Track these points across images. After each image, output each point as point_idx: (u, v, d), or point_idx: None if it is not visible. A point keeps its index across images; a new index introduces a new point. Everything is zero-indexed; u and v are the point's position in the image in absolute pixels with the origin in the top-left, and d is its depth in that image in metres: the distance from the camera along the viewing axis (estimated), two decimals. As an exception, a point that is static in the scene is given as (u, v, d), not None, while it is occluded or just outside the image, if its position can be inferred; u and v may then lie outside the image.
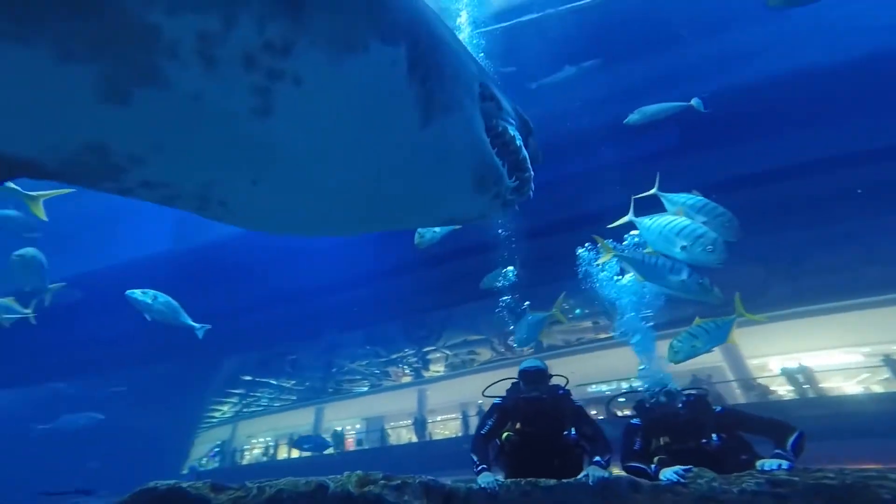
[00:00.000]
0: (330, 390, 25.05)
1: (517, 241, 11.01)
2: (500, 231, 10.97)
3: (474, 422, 20.71)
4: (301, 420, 24.82)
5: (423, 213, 1.42)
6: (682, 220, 4.86)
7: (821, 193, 10.57)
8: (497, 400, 3.91)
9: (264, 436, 26.23)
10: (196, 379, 20.52)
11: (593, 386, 18.25)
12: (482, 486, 3.15)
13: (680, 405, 3.63)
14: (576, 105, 9.88)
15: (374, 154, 1.14)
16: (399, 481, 3.05)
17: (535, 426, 3.63)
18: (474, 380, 20.94)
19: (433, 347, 21.03)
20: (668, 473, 3.02)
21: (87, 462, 17.98)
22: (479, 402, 21.17)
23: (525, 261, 10.93)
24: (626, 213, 5.70)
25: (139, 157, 0.97)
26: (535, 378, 3.81)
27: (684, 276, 4.75)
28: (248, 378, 22.64)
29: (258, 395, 25.11)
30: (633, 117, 7.45)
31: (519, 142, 1.46)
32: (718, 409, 3.61)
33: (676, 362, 4.78)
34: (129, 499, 3.39)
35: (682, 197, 5.37)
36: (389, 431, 23.12)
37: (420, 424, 21.25)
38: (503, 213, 1.51)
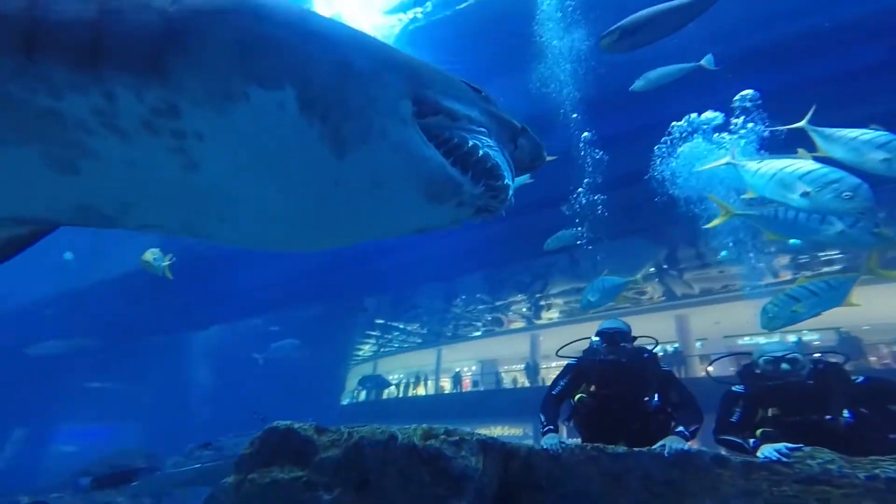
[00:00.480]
0: (448, 334, 26.47)
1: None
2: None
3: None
4: (425, 360, 26.81)
5: (380, 229, 1.43)
6: (807, 163, 4.12)
7: None
8: (572, 360, 3.73)
9: (397, 373, 29.07)
10: (343, 319, 22.91)
11: (746, 338, 16.50)
12: (545, 447, 3.08)
13: (805, 374, 3.07)
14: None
15: (302, 187, 1.20)
16: (457, 437, 3.10)
17: (612, 389, 3.42)
18: (591, 327, 20.40)
19: (541, 294, 20.86)
20: (767, 450, 2.63)
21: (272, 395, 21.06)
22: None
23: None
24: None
25: (122, 209, 1.18)
26: (614, 339, 3.54)
27: (840, 226, 4.03)
28: (381, 321, 24.83)
29: (390, 336, 27.58)
30: (639, 84, 7.03)
31: (484, 150, 1.35)
32: (860, 379, 3.02)
33: (770, 329, 4.05)
34: (263, 434, 3.96)
35: (849, 132, 4.28)
36: (504, 375, 23.97)
37: (532, 369, 21.59)
38: (482, 217, 1.46)
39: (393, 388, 25.21)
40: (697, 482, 2.68)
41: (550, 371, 22.54)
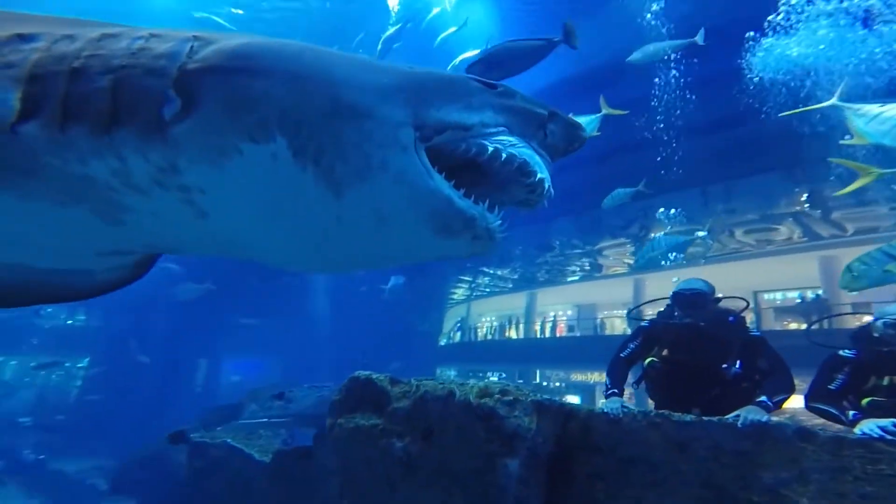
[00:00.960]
0: (541, 279, 26.22)
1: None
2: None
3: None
4: (517, 303, 27.01)
5: (392, 259, 1.42)
6: None
7: None
8: (645, 322, 3.49)
9: (489, 315, 29.75)
10: (437, 264, 23.77)
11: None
12: (605, 410, 2.98)
13: None
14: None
15: (305, 226, 1.25)
16: (512, 397, 3.12)
17: (686, 355, 3.17)
18: (698, 273, 18.77)
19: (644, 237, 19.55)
20: (868, 426, 2.30)
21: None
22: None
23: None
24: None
25: (173, 246, 1.39)
26: (690, 303, 3.24)
27: None
28: (470, 265, 25.28)
29: (480, 281, 28.12)
30: (636, 56, 6.88)
31: (507, 151, 1.30)
32: None
33: (852, 290, 3.36)
34: (347, 383, 4.38)
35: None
36: (604, 320, 23.38)
37: (635, 314, 20.71)
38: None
39: (485, 330, 25.79)
40: (774, 454, 2.43)
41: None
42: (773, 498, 2.37)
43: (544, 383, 23.13)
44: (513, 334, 25.33)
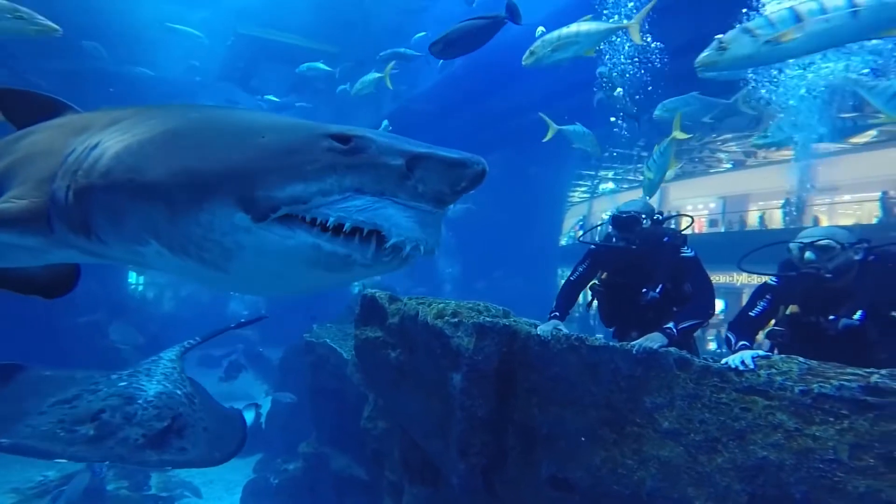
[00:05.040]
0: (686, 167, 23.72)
1: None
2: None
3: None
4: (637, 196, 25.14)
5: (320, 287, 1.54)
6: None
7: None
8: (592, 245, 3.55)
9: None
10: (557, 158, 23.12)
11: None
12: (538, 332, 3.30)
13: (832, 268, 2.49)
14: None
15: (220, 285, 1.58)
16: (457, 319, 3.59)
17: (620, 277, 3.25)
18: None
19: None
20: (733, 357, 2.43)
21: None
22: None
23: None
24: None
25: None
26: (623, 225, 3.22)
27: None
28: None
29: (602, 177, 26.66)
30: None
31: (352, 220, 1.29)
32: None
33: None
34: (361, 300, 5.28)
35: None
36: (756, 213, 20.79)
37: (796, 206, 18.03)
38: (405, 262, 1.41)
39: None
40: (658, 381, 2.61)
41: (822, 209, 18.49)
42: (648, 420, 2.60)
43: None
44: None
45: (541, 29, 7.87)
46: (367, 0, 14.31)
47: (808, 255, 2.60)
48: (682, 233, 3.37)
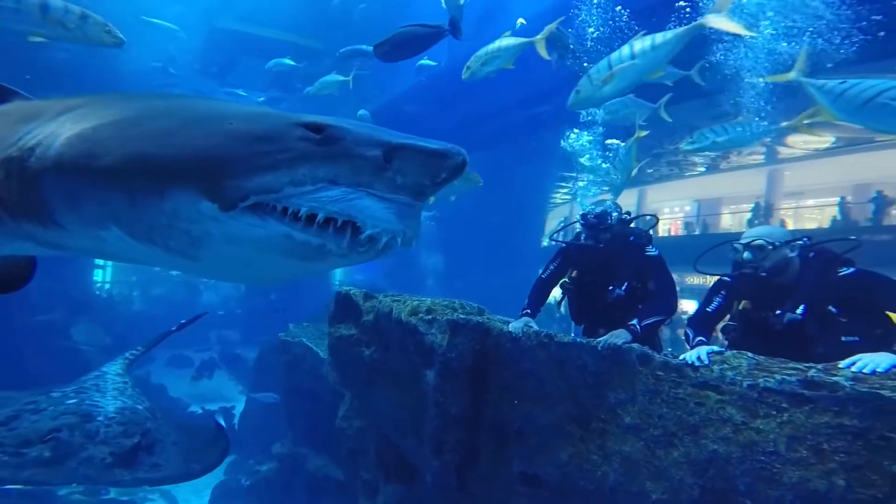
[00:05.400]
0: (656, 174, 24.30)
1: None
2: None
3: (855, 211, 16.61)
4: (625, 201, 25.66)
5: (297, 274, 1.49)
6: None
7: None
8: (563, 244, 3.66)
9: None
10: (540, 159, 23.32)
11: None
12: (510, 329, 3.38)
13: (768, 266, 2.68)
14: None
15: (191, 272, 1.58)
16: (431, 317, 3.65)
17: (589, 276, 3.37)
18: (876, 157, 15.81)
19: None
20: (689, 353, 2.55)
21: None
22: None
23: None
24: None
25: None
26: (592, 224, 3.34)
27: None
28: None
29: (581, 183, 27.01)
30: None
31: (325, 210, 1.25)
32: (849, 270, 2.58)
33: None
34: (336, 297, 5.30)
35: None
36: (728, 216, 21.41)
37: (764, 210, 18.66)
38: (383, 252, 1.35)
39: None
40: (621, 376, 2.71)
41: (789, 213, 19.17)
42: (612, 416, 2.70)
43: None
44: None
45: (521, 21, 8.11)
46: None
47: (746, 254, 2.74)
48: (648, 232, 3.50)
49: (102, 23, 4.91)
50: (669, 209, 25.20)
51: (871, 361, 2.03)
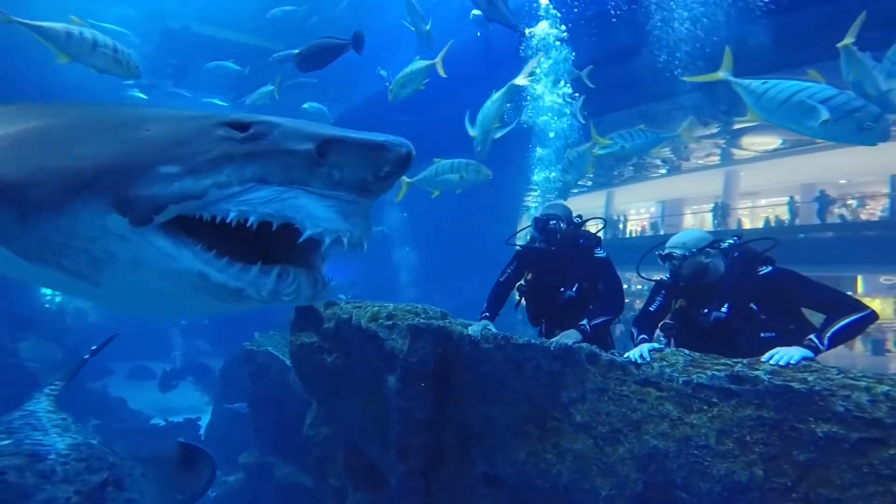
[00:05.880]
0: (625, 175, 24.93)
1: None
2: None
3: (804, 210, 17.42)
4: (594, 203, 26.28)
5: (215, 311, 1.43)
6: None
7: None
8: (518, 247, 3.76)
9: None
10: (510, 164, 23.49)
11: None
12: (469, 332, 3.45)
13: (690, 269, 2.85)
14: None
15: (96, 298, 1.54)
16: (391, 322, 3.68)
17: (543, 278, 3.48)
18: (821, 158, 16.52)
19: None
20: (633, 351, 2.67)
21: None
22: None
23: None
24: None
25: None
26: (543, 227, 3.45)
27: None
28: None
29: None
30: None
31: (259, 213, 1.16)
32: (767, 269, 2.72)
33: None
34: (297, 306, 5.26)
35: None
36: (690, 217, 22.15)
37: (721, 210, 19.40)
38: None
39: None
40: (572, 376, 2.81)
41: (745, 213, 19.97)
42: (565, 415, 2.80)
43: (625, 286, 23.10)
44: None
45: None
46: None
47: (666, 263, 2.91)
48: (597, 235, 3.62)
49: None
50: (636, 210, 25.84)
51: (785, 354, 2.19)
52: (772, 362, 2.16)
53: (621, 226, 24.36)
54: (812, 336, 2.30)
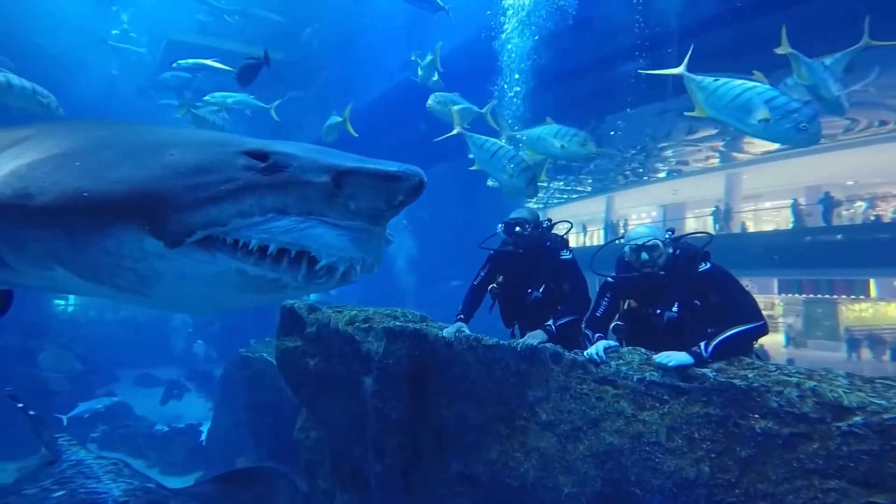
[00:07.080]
0: (621, 180, 24.84)
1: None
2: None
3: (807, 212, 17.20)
4: (596, 208, 26.22)
5: (260, 303, 1.49)
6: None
7: None
8: (491, 251, 3.77)
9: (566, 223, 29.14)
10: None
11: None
12: (443, 334, 3.46)
13: (661, 264, 2.79)
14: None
15: (152, 305, 1.53)
16: (367, 325, 3.70)
17: (513, 280, 3.50)
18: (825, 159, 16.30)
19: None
20: (591, 349, 2.67)
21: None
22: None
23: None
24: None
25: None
26: (511, 231, 3.47)
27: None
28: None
29: (553, 187, 27.47)
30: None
31: (277, 241, 1.22)
32: (707, 266, 2.72)
33: None
34: (282, 311, 5.25)
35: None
36: (692, 221, 22.00)
37: (724, 214, 19.20)
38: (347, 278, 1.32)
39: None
40: (538, 375, 2.81)
41: (749, 216, 19.75)
42: (532, 413, 2.80)
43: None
44: (593, 241, 24.97)
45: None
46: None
47: (643, 255, 2.78)
48: (564, 238, 3.62)
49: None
50: (637, 215, 25.72)
51: (666, 357, 2.26)
52: (654, 360, 2.22)
53: (621, 230, 24.28)
54: (703, 343, 2.29)
